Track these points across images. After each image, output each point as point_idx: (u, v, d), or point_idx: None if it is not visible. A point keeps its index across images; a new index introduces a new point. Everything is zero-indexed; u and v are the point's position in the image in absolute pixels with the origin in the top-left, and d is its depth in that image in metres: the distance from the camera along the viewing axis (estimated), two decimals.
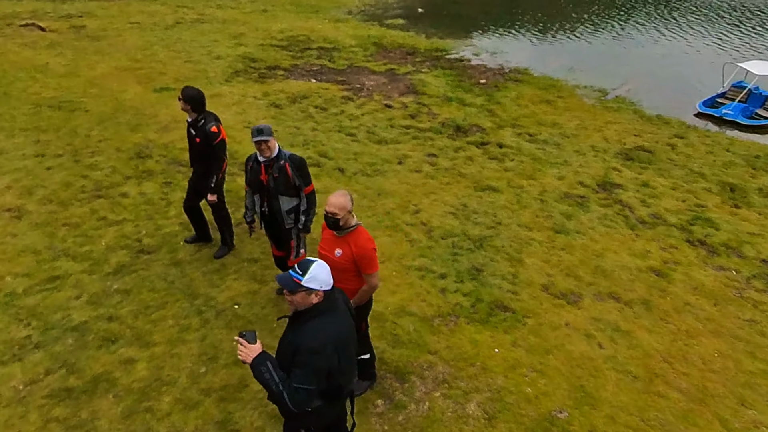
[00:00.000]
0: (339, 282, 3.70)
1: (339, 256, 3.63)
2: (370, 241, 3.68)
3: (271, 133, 4.40)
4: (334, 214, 3.52)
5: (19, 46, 12.76)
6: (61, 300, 4.92)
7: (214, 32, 16.05)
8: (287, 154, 4.55)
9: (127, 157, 7.69)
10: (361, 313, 3.89)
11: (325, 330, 2.68)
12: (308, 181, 4.65)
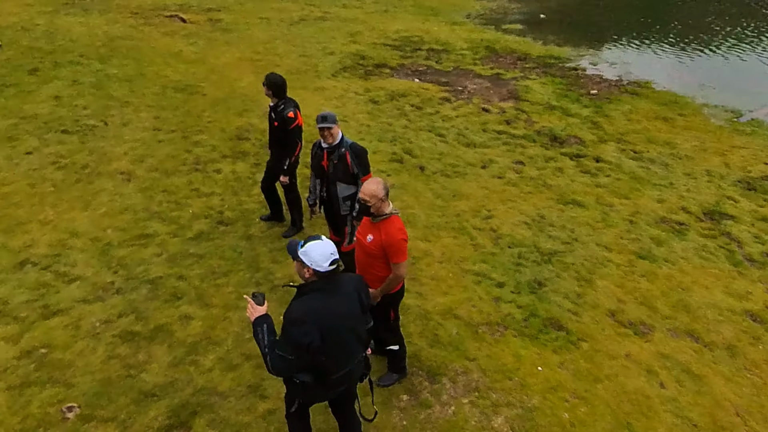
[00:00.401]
0: (368, 267, 3.78)
1: (370, 242, 3.69)
2: (401, 232, 3.69)
3: (335, 120, 4.57)
4: (365, 201, 3.59)
5: (161, 34, 14.41)
6: (145, 255, 5.53)
7: (333, 30, 16.84)
8: (349, 142, 4.70)
9: (228, 138, 8.38)
10: (389, 302, 3.90)
11: (309, 306, 2.76)
12: (367, 170, 4.76)
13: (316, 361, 2.81)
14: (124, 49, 12.69)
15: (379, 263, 3.76)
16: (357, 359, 3.08)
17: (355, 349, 3.06)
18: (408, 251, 5.77)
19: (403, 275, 3.78)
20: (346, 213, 4.86)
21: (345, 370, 2.99)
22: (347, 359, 3.01)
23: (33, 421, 3.74)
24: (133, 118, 8.76)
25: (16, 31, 13.16)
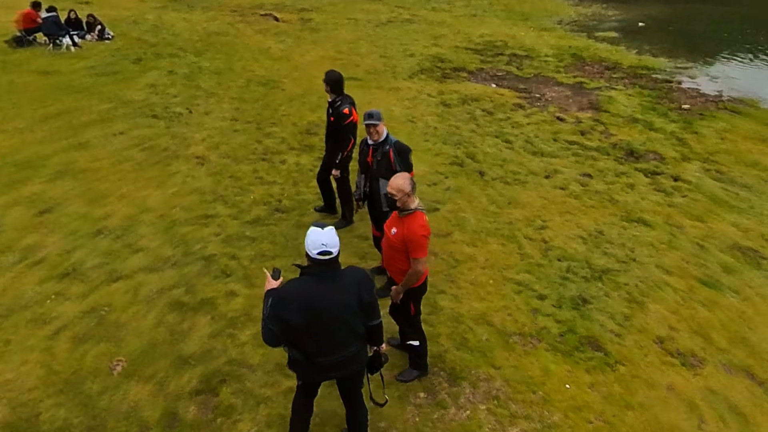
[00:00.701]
0: (392, 260, 3.86)
1: (393, 235, 3.77)
2: (423, 228, 3.72)
3: (380, 118, 4.69)
4: (392, 195, 3.66)
5: (254, 31, 15.32)
6: (204, 234, 5.97)
7: (417, 32, 17.01)
8: (393, 140, 4.80)
9: (298, 131, 8.78)
10: (410, 295, 3.95)
11: (297, 286, 2.89)
12: (408, 168, 4.83)
13: (300, 341, 2.94)
14: (218, 44, 13.65)
15: (401, 257, 3.83)
16: (351, 352, 3.11)
17: (347, 341, 3.08)
18: (451, 254, 5.82)
19: (421, 271, 3.80)
20: (387, 210, 4.95)
21: (334, 358, 3.07)
22: (335, 348, 3.06)
23: (85, 371, 4.20)
24: (216, 108, 9.43)
25: (128, 24, 14.58)
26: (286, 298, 2.88)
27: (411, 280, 3.83)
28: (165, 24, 15.05)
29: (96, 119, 8.62)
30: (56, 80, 10.23)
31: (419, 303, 4.15)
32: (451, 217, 6.69)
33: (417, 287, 4.00)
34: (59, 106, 8.98)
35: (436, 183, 7.52)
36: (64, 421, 3.76)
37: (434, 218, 6.62)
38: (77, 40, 12.58)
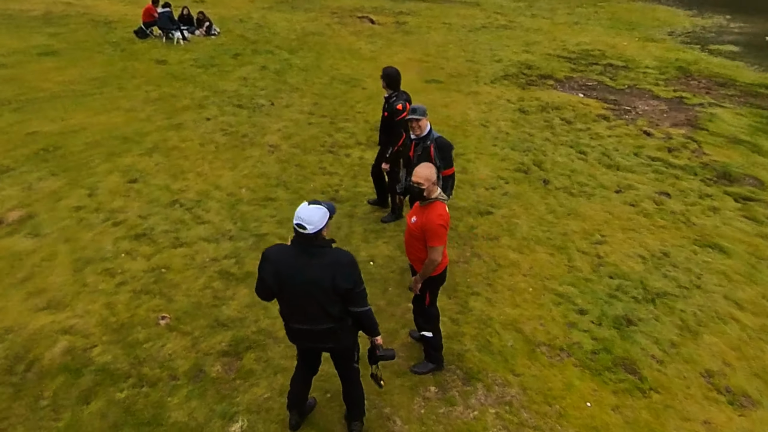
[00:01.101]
0: (412, 248, 3.94)
1: (413, 224, 3.84)
2: (441, 218, 3.76)
3: (424, 113, 4.76)
4: (419, 184, 3.72)
5: (349, 33, 15.92)
6: (262, 214, 6.40)
7: (510, 38, 16.73)
8: (435, 135, 4.86)
9: (369, 128, 9.05)
10: (427, 284, 3.99)
11: (277, 251, 3.13)
12: (449, 164, 4.87)
13: (278, 300, 3.16)
14: (312, 43, 14.37)
15: (420, 245, 3.88)
16: (323, 328, 3.18)
17: (318, 317, 3.15)
18: (494, 258, 5.76)
19: (438, 259, 3.82)
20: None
21: (305, 328, 3.21)
22: (305, 319, 3.17)
23: (136, 321, 4.71)
24: (296, 102, 9.98)
25: (234, 22, 15.79)
26: (266, 259, 3.10)
27: (428, 268, 3.88)
28: (267, 23, 16.11)
29: (191, 105, 9.49)
30: (165, 69, 11.38)
31: (436, 294, 4.18)
32: (502, 222, 6.58)
33: (435, 276, 4.03)
34: (163, 91, 10.00)
35: (495, 187, 7.42)
36: (109, 362, 4.27)
37: (485, 221, 6.56)
38: (187, 34, 13.87)
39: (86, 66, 11.11)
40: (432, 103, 10.44)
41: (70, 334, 4.50)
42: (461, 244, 6.11)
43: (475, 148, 8.66)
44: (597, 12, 22.33)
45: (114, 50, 12.33)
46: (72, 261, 5.38)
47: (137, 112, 8.98)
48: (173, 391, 4.05)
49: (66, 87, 9.89)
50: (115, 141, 7.90)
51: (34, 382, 4.05)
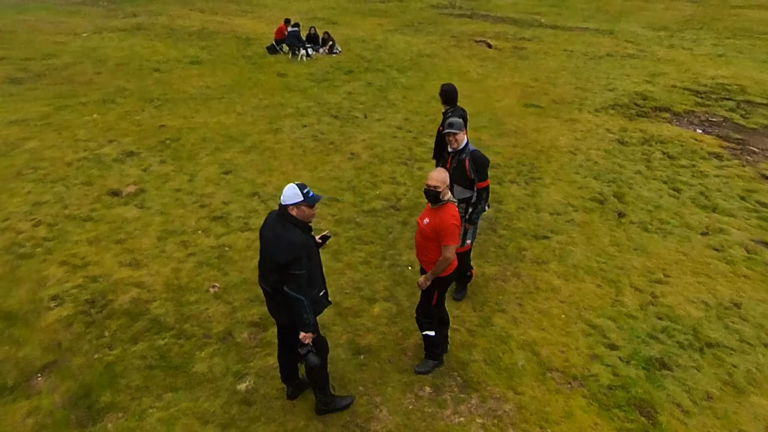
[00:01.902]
0: (424, 250, 4.16)
1: (425, 225, 4.06)
2: (455, 218, 3.97)
3: (460, 128, 4.95)
4: (435, 187, 3.96)
5: (463, 56, 16.27)
6: (324, 212, 6.96)
7: (634, 67, 15.84)
8: (471, 149, 5.01)
9: None
10: (436, 284, 4.16)
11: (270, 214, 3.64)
12: (483, 177, 4.99)
13: None
14: (423, 64, 14.97)
15: (432, 246, 4.09)
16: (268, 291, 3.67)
17: (264, 276, 3.68)
18: (534, 281, 5.71)
19: (450, 258, 4.01)
20: (461, 215, 5.16)
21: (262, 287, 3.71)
22: (261, 273, 3.71)
23: (193, 285, 5.48)
24: (388, 117, 10.56)
25: (357, 42, 16.98)
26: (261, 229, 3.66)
27: (440, 267, 4.06)
28: (387, 44, 17.08)
29: (294, 113, 10.52)
30: (283, 81, 12.71)
31: (444, 294, 4.34)
32: (556, 248, 6.43)
33: (445, 276, 4.21)
34: (274, 100, 11.21)
35: (561, 214, 7.23)
36: (161, 314, 5.05)
37: (538, 246, 6.46)
38: (311, 52, 15.27)
39: (221, 75, 12.83)
40: (522, 127, 10.39)
41: (140, 288, 5.39)
42: (504, 263, 6.10)
43: (555, 174, 8.47)
44: (753, 45, 20.12)
45: (246, 63, 14.03)
46: (160, 231, 6.39)
47: (246, 116, 10.20)
48: (203, 347, 4.68)
49: (200, 91, 11.54)
50: (222, 138, 9.09)
51: (102, 320, 4.95)
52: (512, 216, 7.14)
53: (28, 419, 3.94)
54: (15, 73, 11.63)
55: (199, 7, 21.30)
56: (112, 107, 10.15)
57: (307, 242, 3.51)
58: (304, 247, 3.47)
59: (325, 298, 3.83)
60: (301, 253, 3.43)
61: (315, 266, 3.65)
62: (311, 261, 3.56)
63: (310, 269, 3.53)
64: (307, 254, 3.48)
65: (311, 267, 3.56)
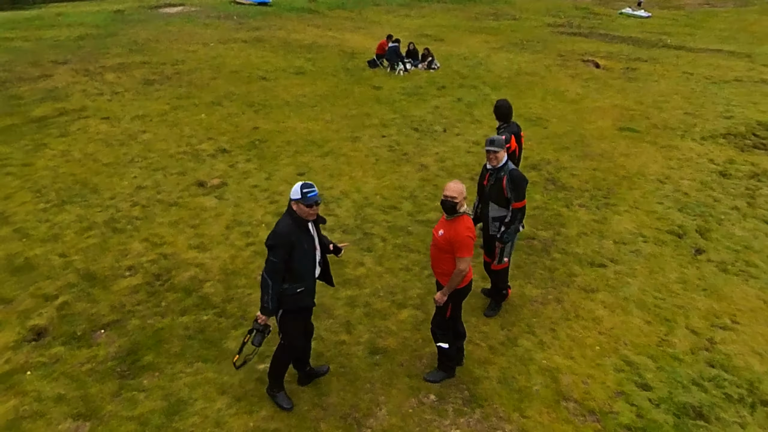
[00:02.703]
0: (438, 261, 4.24)
1: (440, 236, 4.12)
2: (470, 230, 4.02)
3: (501, 146, 4.90)
4: (453, 198, 4.02)
5: (566, 75, 15.71)
6: (380, 219, 7.20)
7: (765, 95, 14.22)
8: (511, 167, 4.95)
9: (527, 165, 9.12)
10: (451, 297, 4.19)
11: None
12: (520, 197, 4.92)
13: None
14: (520, 82, 14.72)
15: (446, 257, 4.13)
16: None
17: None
18: (576, 309, 5.54)
19: (465, 270, 4.03)
20: (494, 233, 5.11)
21: None
22: None
23: (245, 271, 5.99)
24: (468, 132, 10.59)
25: (458, 59, 17.12)
26: None
27: (456, 280, 4.09)
28: (487, 62, 17.01)
29: (377, 123, 10.95)
30: (375, 93, 13.24)
31: (459, 306, 4.37)
32: (611, 278, 6.07)
33: (460, 289, 4.24)
34: (361, 110, 11.74)
35: (626, 243, 6.79)
36: (210, 293, 5.61)
37: (591, 273, 6.15)
38: (409, 67, 15.70)
39: (319, 85, 13.70)
40: (610, 151, 9.86)
41: (199, 268, 6.03)
42: (548, 287, 5.89)
43: (633, 202, 7.95)
44: None
45: (345, 75, 14.82)
46: (230, 220, 7.07)
47: (332, 124, 10.81)
48: (237, 326, 5.14)
49: (297, 99, 12.44)
50: (304, 143, 9.74)
51: (162, 292, 5.63)
52: (571, 240, 6.84)
53: (85, 365, 4.63)
54: (150, 75, 13.42)
55: (316, 23, 22.82)
56: (218, 109, 11.32)
57: (288, 235, 3.72)
58: (284, 239, 3.70)
59: (306, 297, 3.95)
60: (278, 242, 3.69)
61: (300, 263, 3.82)
62: (294, 256, 3.75)
63: (292, 263, 3.76)
64: (288, 247, 3.70)
65: (294, 262, 3.77)
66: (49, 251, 6.21)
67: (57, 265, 5.97)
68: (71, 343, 4.86)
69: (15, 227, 6.70)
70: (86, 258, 6.08)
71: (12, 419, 4.08)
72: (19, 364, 4.61)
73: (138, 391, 4.39)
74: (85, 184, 7.82)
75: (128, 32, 18.51)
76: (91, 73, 13.32)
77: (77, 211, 7.08)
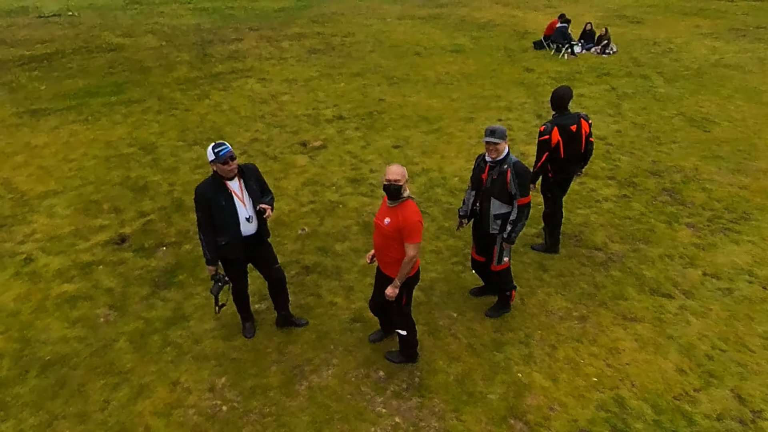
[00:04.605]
0: (385, 250, 4.16)
1: (387, 224, 3.93)
2: (417, 214, 3.86)
3: (503, 136, 4.39)
4: (396, 181, 3.84)
5: None
6: (453, 200, 7.09)
7: None
8: (513, 160, 4.46)
9: (638, 170, 7.88)
10: (404, 286, 4.07)
11: None
12: (525, 192, 4.45)
13: None
14: (708, 76, 12.41)
15: (395, 245, 3.96)
16: None
17: None
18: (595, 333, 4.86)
19: (415, 256, 3.88)
20: (495, 232, 4.67)
21: None
22: None
23: (294, 224, 6.56)
24: (597, 126, 9.45)
25: (645, 44, 15.09)
26: None
27: (406, 268, 3.95)
28: (680, 49, 14.54)
29: (502, 106, 10.44)
30: (523, 76, 12.50)
31: (411, 293, 4.24)
32: (670, 311, 5.09)
33: (411, 277, 4.12)
34: (495, 92, 11.26)
35: (720, 278, 5.55)
36: None
37: (644, 300, 5.25)
38: (578, 50, 14.33)
39: (469, 63, 13.48)
40: None
41: None
42: (580, 302, 5.22)
43: (755, 232, 6.36)
44: None
45: (503, 55, 14.25)
46: (307, 179, 7.68)
47: (455, 103, 10.67)
48: None
49: (439, 76, 12.50)
50: (417, 119, 9.86)
51: None
52: (647, 260, 5.85)
53: (137, 271, 5.73)
54: (317, 45, 14.84)
55: (505, 0, 22.09)
56: (358, 80, 12.06)
57: (204, 193, 4.07)
58: (200, 196, 4.09)
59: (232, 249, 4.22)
60: (196, 199, 4.11)
61: (219, 218, 4.11)
62: (213, 212, 4.08)
63: (213, 218, 4.11)
64: (204, 203, 4.06)
65: (214, 217, 4.10)
66: (164, 179, 7.63)
67: (163, 191, 7.34)
68: (138, 252, 6.04)
69: (153, 156, 8.35)
70: (184, 190, 7.32)
71: (71, 296, 5.34)
72: (99, 258, 5.93)
73: (160, 300, 5.31)
74: (217, 131, 9.25)
75: (321, 6, 20.50)
76: (272, 39, 15.27)
77: (200, 152, 8.48)
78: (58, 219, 6.63)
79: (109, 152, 8.42)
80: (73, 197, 7.11)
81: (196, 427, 3.98)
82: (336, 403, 4.15)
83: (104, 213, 6.77)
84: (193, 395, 4.24)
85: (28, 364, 4.54)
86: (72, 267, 5.76)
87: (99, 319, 5.05)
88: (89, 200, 7.04)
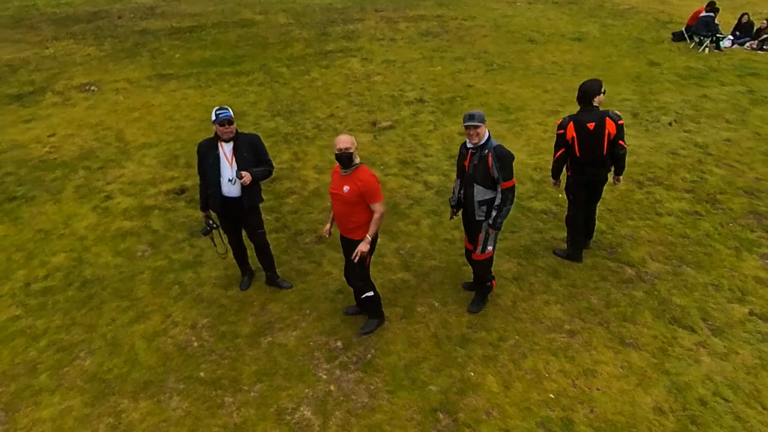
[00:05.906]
0: (350, 216, 4.33)
1: (347, 192, 4.10)
2: (372, 176, 4.08)
3: (482, 120, 4.23)
4: (347, 149, 3.98)
5: None
6: None
7: None
8: (495, 144, 4.27)
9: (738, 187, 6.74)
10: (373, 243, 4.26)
11: None
12: (509, 176, 4.26)
13: None
14: None
15: (359, 209, 4.10)
16: None
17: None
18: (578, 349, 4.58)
19: (383, 210, 4.12)
20: (481, 219, 4.48)
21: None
22: None
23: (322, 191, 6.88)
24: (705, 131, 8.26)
25: None
26: None
27: (377, 224, 4.15)
28: None
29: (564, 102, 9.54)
30: (643, 70, 11.17)
31: (371, 255, 4.35)
32: (682, 344, 4.48)
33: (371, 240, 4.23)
34: None
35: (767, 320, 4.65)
36: (288, 203, 6.76)
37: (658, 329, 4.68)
38: (726, 44, 12.37)
39: (587, 53, 12.42)
40: None
41: (300, 183, 7.23)
42: (578, 317, 4.79)
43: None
44: None
45: (629, 46, 12.85)
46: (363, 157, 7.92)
47: (546, 94, 9.98)
48: (279, 231, 6.18)
49: (545, 65, 11.75)
50: (497, 107, 9.47)
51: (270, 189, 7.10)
52: (685, 286, 5.14)
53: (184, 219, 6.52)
54: (433, 28, 14.78)
55: None
56: (456, 64, 11.87)
57: (201, 148, 4.63)
58: (199, 150, 4.63)
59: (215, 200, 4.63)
60: (197, 152, 4.65)
61: (206, 171, 4.60)
62: (204, 164, 4.58)
63: (203, 170, 4.62)
64: (200, 156, 4.61)
65: (202, 168, 4.62)
66: None
67: None
68: (190, 203, 6.84)
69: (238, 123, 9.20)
70: None
71: (125, 231, 6.29)
72: (158, 203, 6.86)
73: (189, 245, 6.02)
74: (303, 105, 9.89)
75: None
76: (391, 21, 15.59)
77: (280, 122, 9.19)
78: (143, 167, 7.76)
79: (205, 116, 9.51)
80: (162, 151, 8.24)
81: (167, 354, 4.54)
82: (286, 361, 4.41)
83: (179, 167, 7.75)
84: (177, 328, 4.81)
85: (74, 279, 5.52)
86: (136, 208, 6.76)
87: (138, 253, 5.91)
88: (172, 155, 8.10)
